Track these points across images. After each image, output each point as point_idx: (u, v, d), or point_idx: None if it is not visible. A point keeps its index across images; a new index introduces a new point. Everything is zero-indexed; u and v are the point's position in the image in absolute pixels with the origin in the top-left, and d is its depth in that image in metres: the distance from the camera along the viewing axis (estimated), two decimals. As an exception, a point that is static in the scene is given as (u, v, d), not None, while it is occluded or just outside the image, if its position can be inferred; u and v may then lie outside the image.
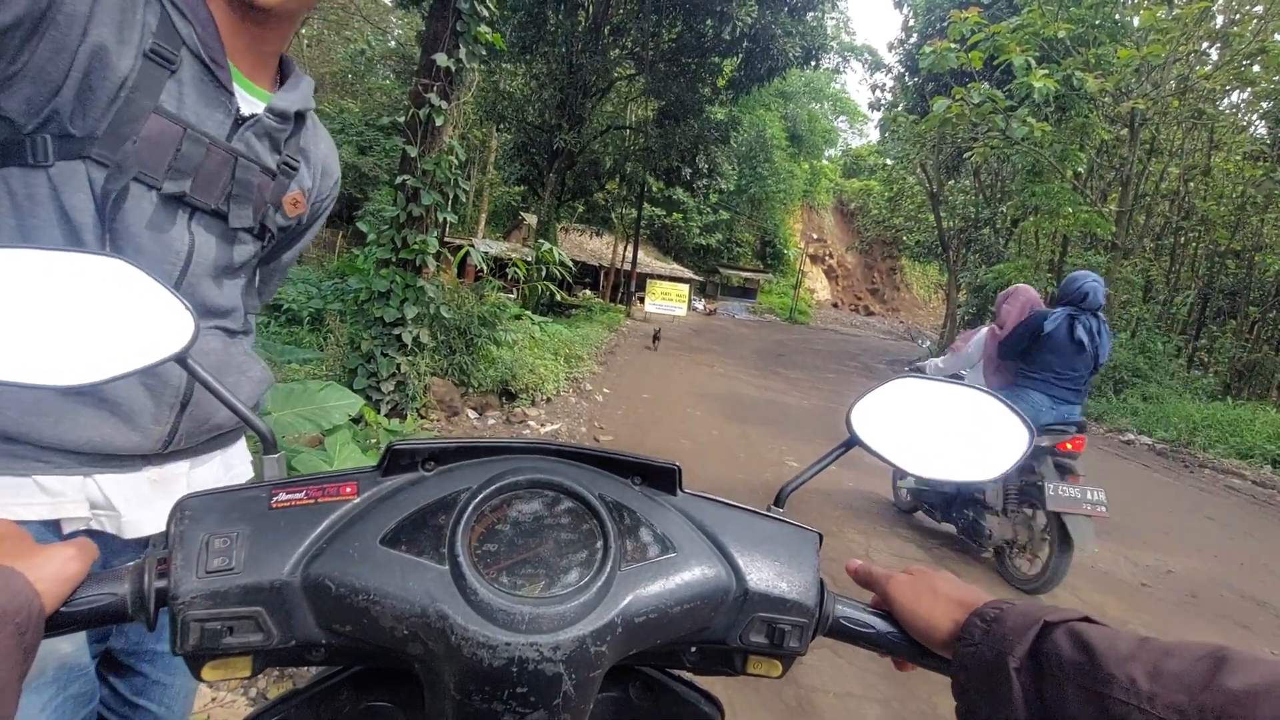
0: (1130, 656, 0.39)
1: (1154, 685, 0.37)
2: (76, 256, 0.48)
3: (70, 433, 0.73)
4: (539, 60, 16.10)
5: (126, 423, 0.76)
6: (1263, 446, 9.04)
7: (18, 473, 0.72)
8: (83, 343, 0.47)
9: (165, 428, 0.80)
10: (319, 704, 0.52)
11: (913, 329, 29.39)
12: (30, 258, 0.46)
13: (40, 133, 0.68)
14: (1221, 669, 0.36)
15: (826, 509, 4.63)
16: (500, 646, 0.41)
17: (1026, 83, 11.18)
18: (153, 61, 0.71)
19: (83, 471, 0.75)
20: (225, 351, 0.89)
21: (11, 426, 0.70)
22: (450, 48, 4.87)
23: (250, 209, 0.84)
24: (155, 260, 0.77)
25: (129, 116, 0.71)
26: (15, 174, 0.69)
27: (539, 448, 0.53)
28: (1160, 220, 17.16)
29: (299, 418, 2.76)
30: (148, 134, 0.72)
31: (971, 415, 0.64)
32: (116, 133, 0.70)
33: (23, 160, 0.69)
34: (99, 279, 0.48)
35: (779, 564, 0.53)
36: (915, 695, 2.47)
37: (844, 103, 48.17)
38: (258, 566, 0.44)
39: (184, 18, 0.74)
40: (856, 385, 12.72)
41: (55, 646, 0.76)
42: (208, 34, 0.76)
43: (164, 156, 0.74)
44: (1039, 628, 0.44)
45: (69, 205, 0.70)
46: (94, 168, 0.70)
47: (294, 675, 2.08)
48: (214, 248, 0.83)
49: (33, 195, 0.69)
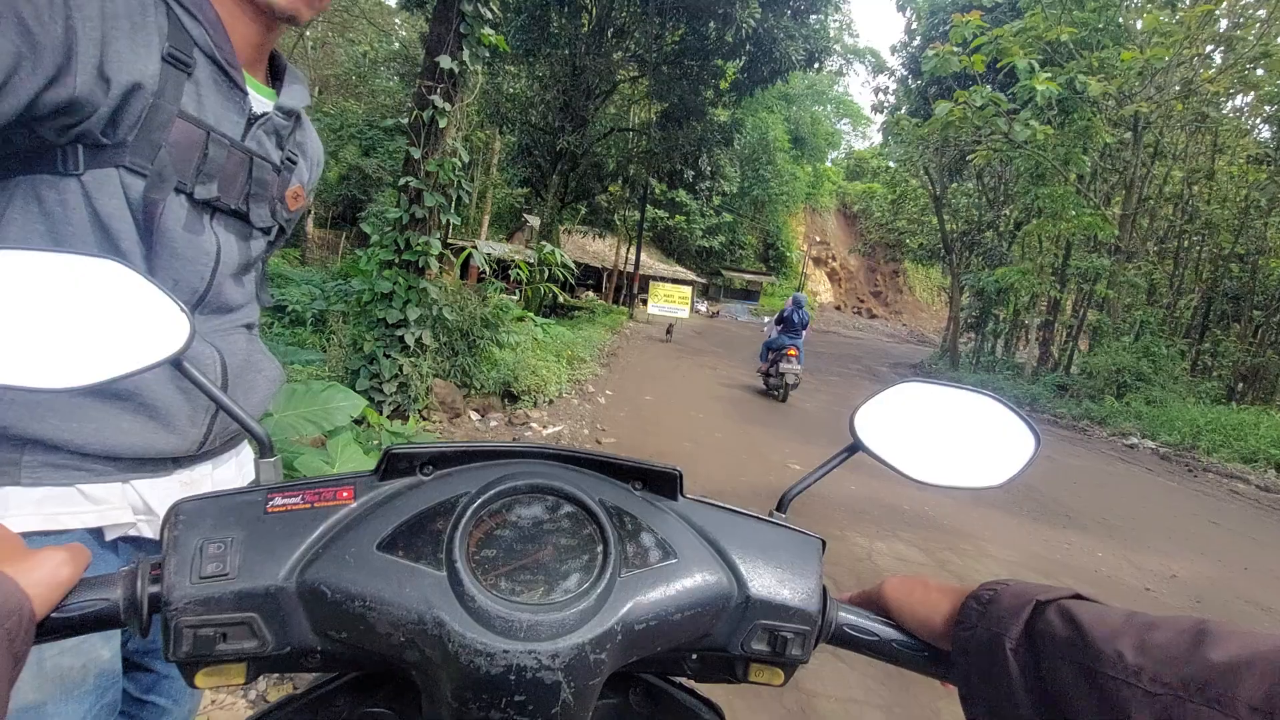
0: (1118, 631, 0.39)
1: (1140, 659, 0.37)
2: (71, 258, 0.47)
3: (113, 438, 0.73)
4: (542, 62, 16.14)
5: (165, 426, 0.77)
6: (1267, 451, 9.00)
7: (59, 482, 0.72)
8: (78, 345, 0.46)
9: (201, 429, 0.82)
10: (316, 709, 0.52)
11: (760, 311, 32.02)
12: (23, 259, 0.46)
13: (71, 144, 0.68)
14: (1204, 641, 0.36)
15: (829, 513, 4.61)
16: (498, 654, 0.40)
17: (1029, 86, 11.18)
18: (171, 65, 0.71)
19: (121, 478, 0.76)
20: (249, 349, 0.89)
21: (54, 434, 0.70)
22: (454, 50, 4.88)
23: (267, 207, 0.86)
24: (190, 263, 0.78)
25: (157, 123, 0.70)
26: (45, 181, 0.68)
27: (538, 452, 0.52)
28: (1164, 224, 17.12)
29: (301, 419, 2.76)
30: (175, 139, 0.72)
31: (977, 420, 0.63)
32: (147, 140, 0.70)
33: (52, 168, 0.68)
34: (94, 280, 0.47)
35: (781, 570, 0.52)
36: (918, 701, 2.46)
37: (847, 105, 48.15)
38: (252, 572, 0.43)
39: (192, 17, 0.74)
40: (859, 389, 12.70)
41: (98, 653, 0.76)
42: (218, 34, 0.76)
43: (191, 161, 0.74)
44: (1031, 607, 0.44)
45: (103, 212, 0.70)
46: (127, 175, 0.70)
47: (294, 678, 2.08)
48: (235, 247, 0.84)
49: (65, 202, 0.69)
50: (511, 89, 17.37)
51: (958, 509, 5.15)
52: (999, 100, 12.10)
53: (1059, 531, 5.02)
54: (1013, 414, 0.63)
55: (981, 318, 20.35)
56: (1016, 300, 17.91)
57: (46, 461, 0.71)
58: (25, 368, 0.44)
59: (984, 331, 20.63)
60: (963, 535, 4.60)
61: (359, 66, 25.25)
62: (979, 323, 20.66)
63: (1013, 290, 16.59)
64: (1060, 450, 8.76)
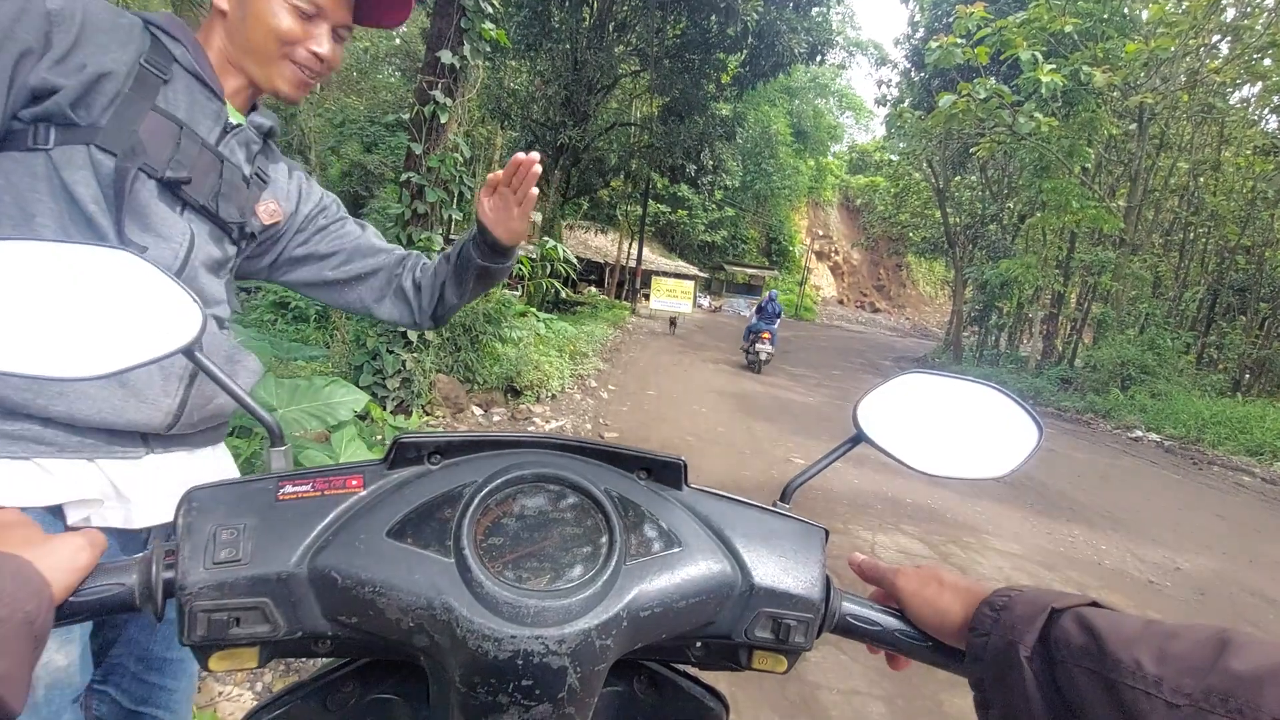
0: (1136, 640, 0.39)
1: (1160, 669, 0.37)
2: (84, 249, 0.48)
3: (78, 406, 0.73)
4: (543, 57, 16.08)
5: (135, 395, 0.77)
6: (1272, 444, 8.97)
7: (17, 455, 0.71)
8: (92, 335, 0.47)
9: (174, 400, 0.81)
10: (325, 696, 0.52)
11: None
12: (38, 250, 0.46)
13: (38, 120, 0.72)
14: (1226, 651, 0.35)
15: (832, 506, 4.62)
16: (505, 639, 0.41)
17: (1033, 77, 11.10)
18: (147, 69, 0.78)
19: (86, 455, 0.75)
20: (228, 343, 0.92)
21: (14, 396, 0.70)
22: (455, 45, 4.87)
23: (235, 207, 0.90)
24: (164, 241, 0.81)
25: (130, 114, 0.76)
26: (13, 157, 0.72)
27: (545, 442, 0.53)
28: (1169, 216, 17.02)
29: (305, 414, 2.76)
30: (148, 128, 0.77)
31: (980, 411, 0.64)
32: (119, 127, 0.75)
33: (21, 145, 0.72)
34: (107, 271, 0.48)
35: (785, 559, 0.53)
36: (920, 693, 2.47)
37: (849, 98, 47.87)
38: (264, 558, 0.44)
39: (174, 40, 0.82)
40: (862, 383, 12.67)
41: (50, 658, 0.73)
42: (197, 52, 0.85)
43: (164, 150, 0.79)
44: (1047, 614, 0.44)
45: (70, 181, 0.73)
46: (98, 153, 0.74)
47: (300, 670, 2.10)
48: (208, 241, 0.88)
49: (33, 173, 0.72)
50: (513, 84, 17.31)
51: (961, 502, 5.16)
52: (1003, 92, 12.02)
53: (1063, 525, 5.02)
54: (1014, 404, 0.63)
55: (985, 311, 20.28)
56: (1020, 294, 17.84)
57: (4, 433, 0.70)
58: (40, 357, 0.45)
59: (987, 325, 20.57)
60: (966, 528, 4.60)
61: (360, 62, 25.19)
62: (982, 316, 20.59)
63: (1016, 283, 16.53)
64: (1064, 443, 8.74)
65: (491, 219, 0.97)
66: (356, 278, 1.07)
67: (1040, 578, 3.87)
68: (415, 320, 1.11)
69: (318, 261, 1.05)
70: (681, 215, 31.20)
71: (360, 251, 1.07)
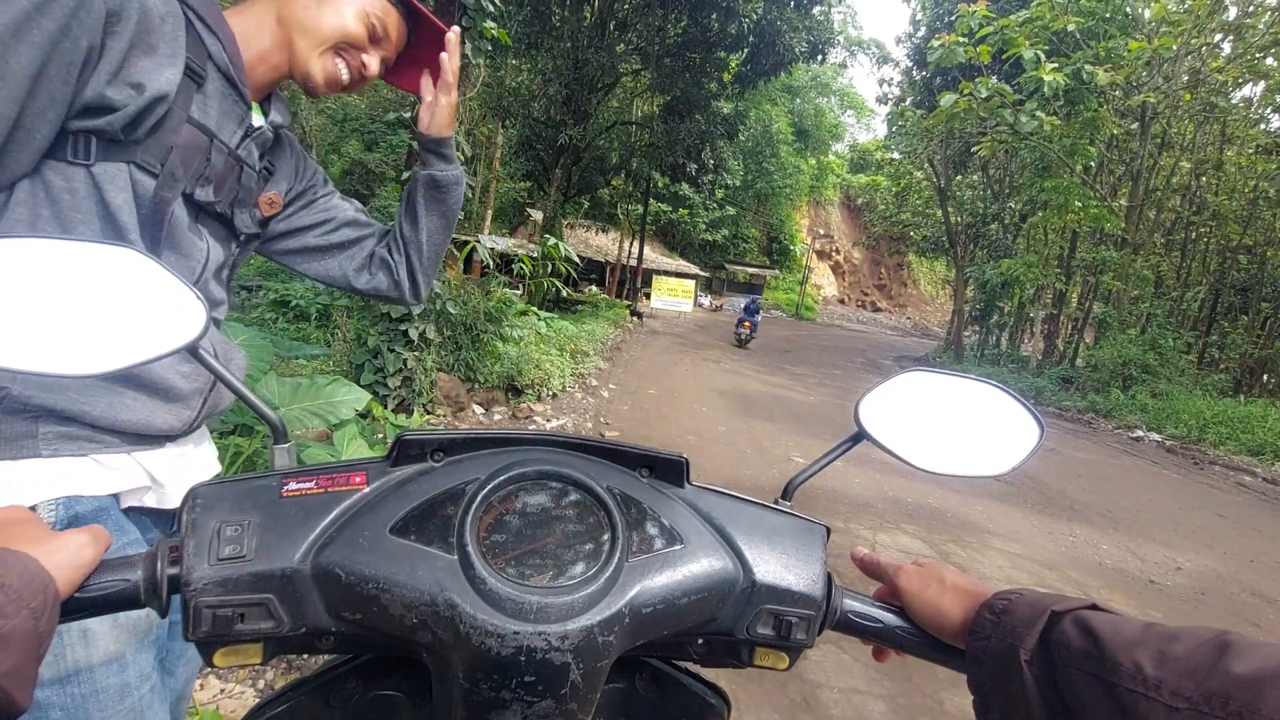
0: (1136, 643, 0.39)
1: (1160, 671, 0.37)
2: (90, 246, 0.48)
3: (122, 413, 0.78)
4: (545, 56, 16.05)
5: (165, 405, 0.82)
6: (1274, 443, 8.96)
7: (75, 454, 0.76)
8: (96, 332, 0.47)
9: (194, 411, 0.87)
10: (328, 692, 0.53)
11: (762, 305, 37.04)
12: (43, 247, 0.47)
13: (84, 132, 0.71)
14: (1225, 654, 0.36)
15: (833, 505, 4.62)
16: (508, 635, 0.41)
17: (1035, 76, 11.09)
18: (188, 77, 0.77)
19: (125, 450, 0.81)
20: (223, 341, 0.94)
21: (69, 407, 0.74)
22: (456, 43, 4.87)
23: (248, 214, 0.91)
24: (187, 259, 0.83)
25: (169, 127, 0.76)
26: (53, 167, 0.71)
27: (547, 439, 0.53)
28: (1171, 215, 16.98)
29: (306, 412, 2.77)
30: (183, 142, 0.77)
31: (981, 409, 0.64)
32: (159, 141, 0.75)
33: (62, 155, 0.71)
34: (112, 269, 0.48)
35: (786, 556, 0.53)
36: (920, 691, 2.47)
37: (851, 97, 47.80)
38: (269, 554, 0.44)
39: (210, 32, 0.80)
40: (862, 382, 12.66)
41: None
42: (232, 49, 0.82)
43: (193, 164, 0.79)
44: (1047, 617, 0.44)
45: (113, 204, 0.74)
46: (137, 171, 0.74)
47: (302, 668, 2.10)
48: (219, 248, 0.89)
49: (74, 190, 0.72)
50: (514, 82, 17.28)
51: (962, 501, 5.16)
52: (1005, 91, 12.00)
53: (1063, 524, 5.02)
54: (1015, 401, 0.63)
55: (986, 310, 20.26)
56: (1021, 293, 17.84)
57: (61, 433, 0.75)
58: (47, 354, 0.45)
59: (988, 324, 20.55)
60: (967, 527, 4.60)
61: (361, 61, 25.12)
62: (984, 316, 20.57)
63: (1018, 283, 16.52)
64: (1065, 443, 8.74)
65: (425, 120, 1.04)
66: (339, 245, 1.09)
67: (1041, 577, 3.87)
68: (395, 284, 1.12)
69: (302, 232, 1.06)
70: (682, 214, 31.17)
71: (345, 223, 1.10)
